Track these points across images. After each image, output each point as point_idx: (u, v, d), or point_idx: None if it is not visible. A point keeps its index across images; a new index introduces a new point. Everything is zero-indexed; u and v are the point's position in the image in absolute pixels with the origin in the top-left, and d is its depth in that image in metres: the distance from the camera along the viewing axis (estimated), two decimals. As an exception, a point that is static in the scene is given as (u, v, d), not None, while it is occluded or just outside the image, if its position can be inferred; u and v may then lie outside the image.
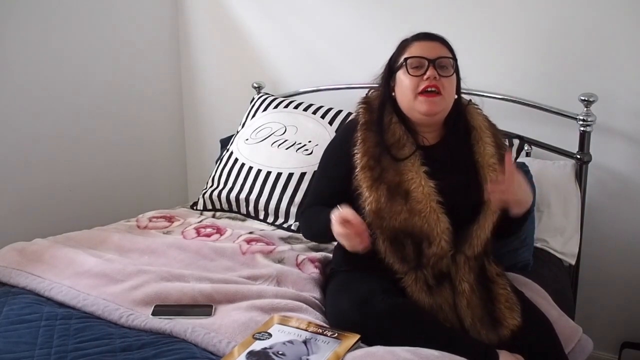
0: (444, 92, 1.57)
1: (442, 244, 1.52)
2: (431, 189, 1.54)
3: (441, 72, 1.57)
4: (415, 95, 1.58)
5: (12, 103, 2.41)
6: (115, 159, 2.81)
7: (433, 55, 1.58)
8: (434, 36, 1.64)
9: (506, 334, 1.48)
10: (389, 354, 1.29)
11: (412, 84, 1.58)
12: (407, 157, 1.56)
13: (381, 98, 1.66)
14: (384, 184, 1.53)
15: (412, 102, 1.59)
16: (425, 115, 1.59)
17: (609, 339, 2.28)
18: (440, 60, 1.58)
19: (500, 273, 1.60)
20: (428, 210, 1.52)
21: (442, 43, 1.63)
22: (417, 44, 1.62)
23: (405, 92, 1.60)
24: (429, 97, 1.56)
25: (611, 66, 2.13)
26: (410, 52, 1.61)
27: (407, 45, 1.63)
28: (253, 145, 2.35)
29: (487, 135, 1.63)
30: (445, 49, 1.62)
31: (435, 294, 1.53)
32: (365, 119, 1.63)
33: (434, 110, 1.58)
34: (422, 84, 1.57)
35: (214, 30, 2.94)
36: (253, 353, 1.30)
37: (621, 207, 2.21)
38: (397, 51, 1.66)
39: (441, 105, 1.59)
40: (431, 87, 1.56)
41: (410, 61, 1.59)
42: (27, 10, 2.42)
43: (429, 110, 1.57)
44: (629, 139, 2.15)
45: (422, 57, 1.58)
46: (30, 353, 1.34)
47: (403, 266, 1.55)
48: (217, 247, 1.87)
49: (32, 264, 1.74)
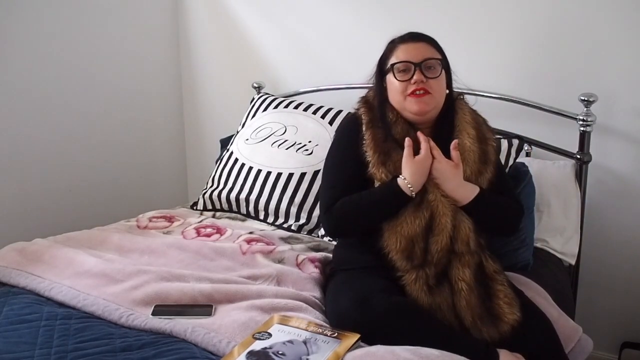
0: (433, 91, 1.61)
1: (444, 235, 1.55)
2: (434, 182, 1.59)
3: (428, 74, 1.61)
4: (404, 97, 1.62)
5: (12, 103, 2.41)
6: (115, 159, 2.81)
7: (419, 58, 1.61)
8: (419, 36, 1.66)
9: (506, 329, 1.49)
10: (389, 354, 1.29)
11: (401, 87, 1.63)
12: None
13: (379, 98, 1.69)
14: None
15: (403, 103, 1.64)
16: (416, 115, 1.63)
17: (609, 339, 2.28)
18: (426, 62, 1.61)
19: (498, 270, 1.60)
20: (437, 200, 1.56)
21: (428, 43, 1.66)
22: (403, 47, 1.65)
23: (395, 95, 1.65)
24: (418, 97, 1.61)
25: (611, 66, 2.13)
26: (396, 56, 1.65)
27: (394, 48, 1.67)
28: (253, 145, 2.35)
29: (466, 130, 1.66)
30: (431, 49, 1.64)
31: (435, 293, 1.53)
32: (368, 117, 1.66)
33: (425, 110, 1.62)
34: (409, 87, 1.61)
35: (214, 30, 2.94)
36: (253, 353, 1.30)
37: (621, 207, 2.21)
38: (385, 53, 1.70)
39: (431, 104, 1.63)
40: (418, 90, 1.60)
41: (396, 66, 1.63)
42: (27, 12, 2.42)
43: (419, 109, 1.62)
44: (629, 139, 2.15)
45: (408, 61, 1.62)
46: (30, 353, 1.34)
47: (407, 264, 1.55)
48: (217, 247, 1.87)
49: (32, 264, 1.74)
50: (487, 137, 1.68)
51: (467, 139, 1.64)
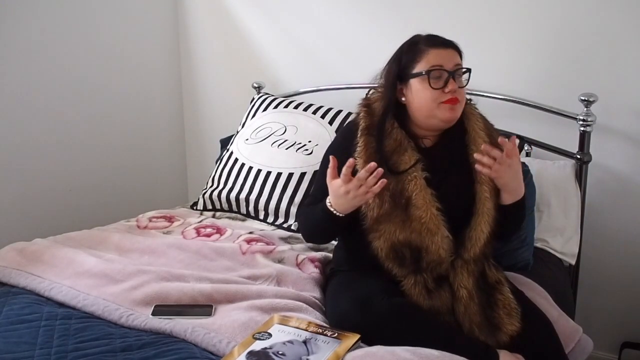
0: (462, 98, 1.59)
1: (440, 252, 1.52)
2: (431, 196, 1.54)
3: (459, 84, 1.58)
4: (437, 104, 1.56)
5: (12, 104, 2.41)
6: (115, 159, 2.81)
7: (452, 66, 1.57)
8: (449, 43, 1.61)
9: (505, 339, 1.48)
10: (389, 354, 1.29)
11: (434, 95, 1.56)
12: (407, 170, 1.55)
13: (385, 102, 1.62)
14: (386, 190, 1.52)
15: (434, 111, 1.57)
16: (447, 123, 1.59)
17: (609, 339, 2.28)
18: (458, 71, 1.58)
19: (500, 280, 1.59)
20: (428, 217, 1.52)
21: (456, 50, 1.61)
22: (434, 52, 1.57)
23: (424, 101, 1.57)
24: (452, 105, 1.57)
25: (611, 66, 2.13)
26: (428, 60, 1.57)
27: (422, 51, 1.58)
28: (253, 145, 2.35)
29: (480, 137, 1.62)
30: (458, 56, 1.60)
31: (434, 297, 1.53)
32: (366, 124, 1.61)
33: (455, 117, 1.59)
34: (444, 96, 1.56)
35: (214, 31, 2.94)
36: (253, 353, 1.30)
37: (621, 207, 2.20)
38: (409, 55, 1.60)
39: (459, 112, 1.60)
40: (453, 100, 1.56)
41: (433, 73, 1.55)
42: (27, 13, 2.42)
43: (451, 117, 1.58)
44: (629, 139, 2.15)
45: (443, 68, 1.56)
46: (30, 353, 1.34)
47: (402, 270, 1.55)
48: (217, 247, 1.87)
49: (32, 264, 1.74)
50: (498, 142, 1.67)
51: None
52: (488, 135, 1.63)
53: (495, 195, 1.58)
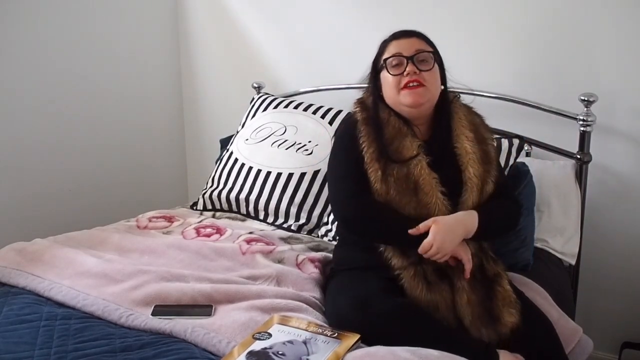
0: (427, 83, 1.62)
1: None
2: (435, 180, 1.57)
3: (421, 67, 1.61)
4: (398, 91, 1.62)
5: (12, 104, 2.41)
6: (115, 159, 2.81)
7: (410, 52, 1.62)
8: (410, 32, 1.68)
9: (505, 331, 1.48)
10: (389, 354, 1.29)
11: (394, 81, 1.63)
12: (415, 156, 1.58)
13: (372, 97, 1.70)
14: (392, 177, 1.56)
15: (397, 97, 1.63)
16: (411, 107, 1.63)
17: (609, 339, 2.28)
18: (418, 55, 1.62)
19: (499, 273, 1.60)
20: (434, 201, 1.55)
21: (419, 38, 1.67)
22: (394, 43, 1.67)
23: (389, 90, 1.65)
24: (412, 90, 1.61)
25: (611, 66, 2.13)
26: (388, 51, 1.66)
27: (387, 45, 1.68)
28: (253, 145, 2.35)
29: (464, 133, 1.65)
30: (423, 43, 1.65)
31: (434, 291, 1.53)
32: (363, 116, 1.67)
33: (419, 101, 1.62)
34: (403, 80, 1.62)
35: (213, 31, 2.94)
36: (253, 353, 1.30)
37: (621, 207, 2.20)
38: (378, 52, 1.71)
39: (426, 96, 1.62)
40: (412, 82, 1.60)
41: (389, 60, 1.64)
42: (26, 13, 2.42)
43: (413, 101, 1.61)
44: (629, 139, 2.15)
45: (400, 54, 1.62)
46: (30, 353, 1.34)
47: (403, 260, 1.56)
48: (217, 247, 1.87)
49: (32, 264, 1.74)
50: (485, 137, 1.68)
51: (467, 142, 1.64)
52: (473, 132, 1.66)
53: (481, 184, 1.61)
